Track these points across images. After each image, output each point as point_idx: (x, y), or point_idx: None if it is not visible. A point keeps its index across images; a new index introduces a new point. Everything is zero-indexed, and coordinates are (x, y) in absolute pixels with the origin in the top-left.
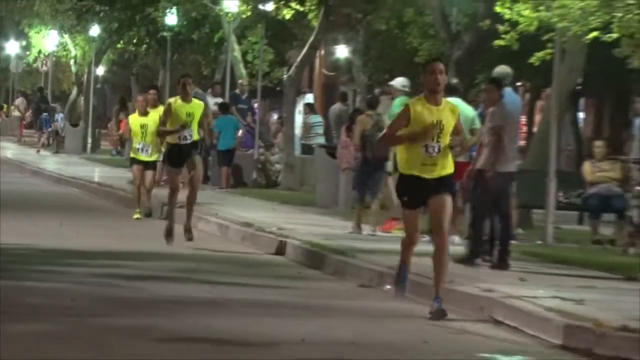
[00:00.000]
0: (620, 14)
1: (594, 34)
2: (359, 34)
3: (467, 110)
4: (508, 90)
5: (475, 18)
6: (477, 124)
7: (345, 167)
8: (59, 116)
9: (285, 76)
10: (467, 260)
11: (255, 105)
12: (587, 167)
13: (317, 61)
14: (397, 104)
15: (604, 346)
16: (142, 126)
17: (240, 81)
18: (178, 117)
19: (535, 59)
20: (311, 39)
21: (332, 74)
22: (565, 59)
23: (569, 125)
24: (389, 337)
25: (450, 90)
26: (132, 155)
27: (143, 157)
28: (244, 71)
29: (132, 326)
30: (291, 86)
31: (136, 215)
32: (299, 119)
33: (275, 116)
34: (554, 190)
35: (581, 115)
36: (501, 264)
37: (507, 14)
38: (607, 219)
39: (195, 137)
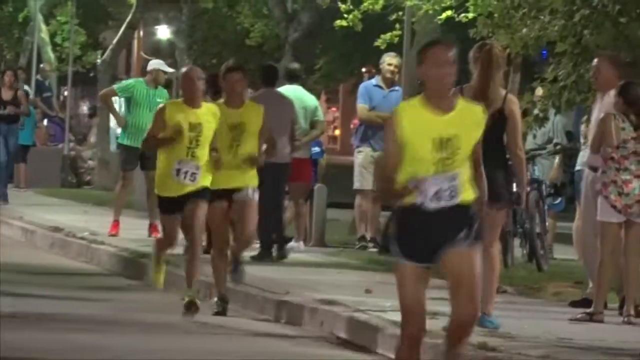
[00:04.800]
0: None
1: (447, 13)
2: (183, 13)
3: (308, 99)
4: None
5: None
6: (320, 116)
7: None
8: None
9: (99, 60)
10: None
11: (66, 93)
12: None
13: (136, 43)
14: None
15: None
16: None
17: (41, 65)
18: None
19: (382, 41)
20: (128, 18)
21: (152, 58)
22: (416, 42)
23: None
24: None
25: (290, 77)
26: None
27: None
28: (52, 55)
29: None
30: (106, 71)
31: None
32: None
33: (86, 107)
34: None
35: None
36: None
37: None
38: None
39: None
